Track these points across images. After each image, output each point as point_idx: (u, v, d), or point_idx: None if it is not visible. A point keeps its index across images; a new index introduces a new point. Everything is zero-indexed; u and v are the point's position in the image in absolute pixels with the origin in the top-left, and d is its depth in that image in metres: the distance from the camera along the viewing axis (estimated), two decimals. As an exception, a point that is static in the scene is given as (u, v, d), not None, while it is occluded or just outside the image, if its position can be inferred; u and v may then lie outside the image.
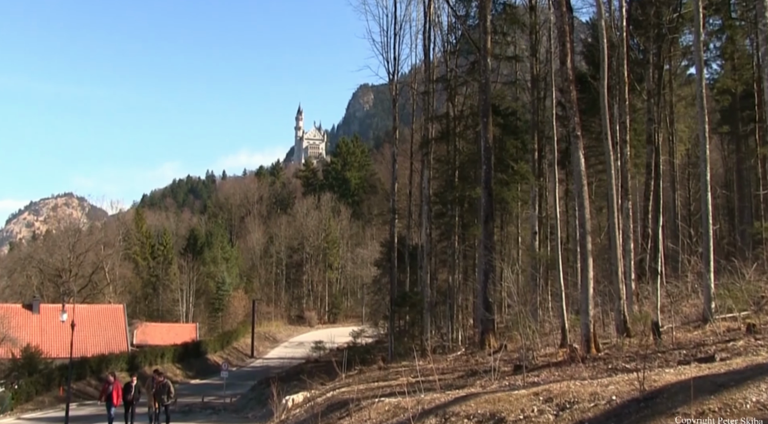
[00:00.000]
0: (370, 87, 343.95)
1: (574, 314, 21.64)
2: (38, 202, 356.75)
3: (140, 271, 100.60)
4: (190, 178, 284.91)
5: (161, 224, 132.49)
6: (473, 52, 35.04)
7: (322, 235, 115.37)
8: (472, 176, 37.12)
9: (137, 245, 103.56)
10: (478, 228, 32.84)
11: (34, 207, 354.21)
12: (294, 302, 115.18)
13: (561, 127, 29.66)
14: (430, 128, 40.54)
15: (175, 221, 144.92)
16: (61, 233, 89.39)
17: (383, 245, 56.84)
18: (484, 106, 28.42)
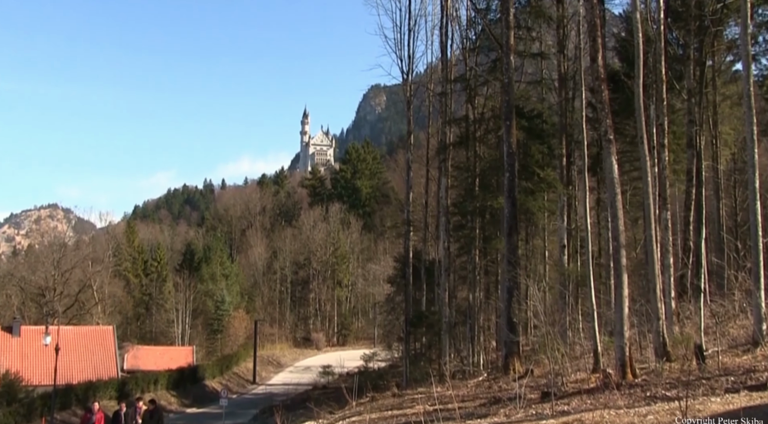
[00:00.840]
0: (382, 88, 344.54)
1: (607, 335, 21.48)
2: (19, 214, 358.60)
3: (132, 289, 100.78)
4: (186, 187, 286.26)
5: (155, 237, 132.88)
6: (495, 48, 35.01)
7: (330, 249, 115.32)
8: (494, 185, 37.02)
9: (128, 261, 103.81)
10: (500, 241, 32.75)
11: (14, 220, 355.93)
12: (300, 322, 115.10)
13: (592, 131, 29.53)
14: (448, 132, 40.49)
15: (170, 235, 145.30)
16: (44, 248, 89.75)
17: (397, 259, 56.71)
18: (506, 107, 28.33)
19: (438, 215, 41.20)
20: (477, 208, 37.62)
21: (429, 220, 46.82)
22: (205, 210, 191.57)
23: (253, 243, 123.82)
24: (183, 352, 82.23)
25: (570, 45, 33.51)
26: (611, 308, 18.79)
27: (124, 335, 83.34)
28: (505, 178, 28.02)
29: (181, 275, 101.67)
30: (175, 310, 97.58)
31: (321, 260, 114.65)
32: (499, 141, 34.83)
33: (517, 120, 29.68)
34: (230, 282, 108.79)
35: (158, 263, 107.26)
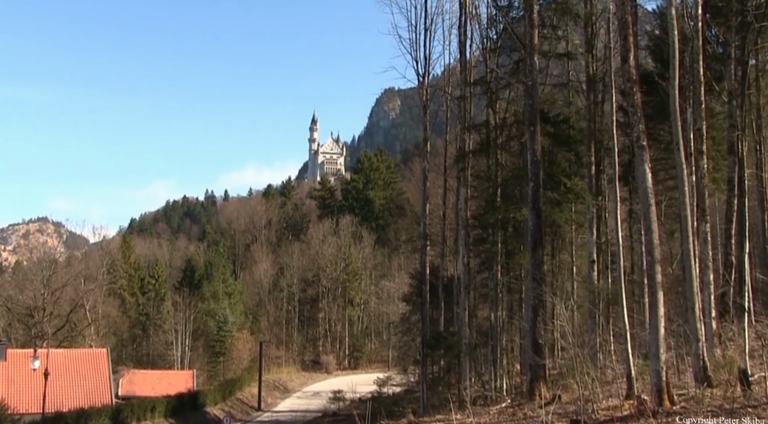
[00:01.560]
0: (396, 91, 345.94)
1: (641, 358, 21.33)
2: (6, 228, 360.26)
3: (127, 309, 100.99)
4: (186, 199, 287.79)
5: (152, 253, 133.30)
6: (517, 49, 34.99)
7: (341, 265, 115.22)
8: (517, 195, 36.94)
9: (124, 279, 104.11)
10: (524, 256, 32.59)
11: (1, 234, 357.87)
12: (308, 344, 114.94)
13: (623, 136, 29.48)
14: (467, 139, 40.46)
15: (168, 250, 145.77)
16: (33, 265, 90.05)
17: (413, 276, 56.65)
18: (530, 112, 28.24)
19: (457, 228, 41.15)
20: (499, 221, 37.50)
21: (447, 233, 46.76)
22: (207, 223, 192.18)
23: (258, 259, 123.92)
24: (182, 376, 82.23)
25: (599, 44, 33.49)
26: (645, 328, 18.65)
27: (119, 359, 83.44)
28: (529, 188, 27.89)
29: (180, 294, 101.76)
30: (174, 331, 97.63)
31: (331, 276, 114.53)
32: (522, 148, 34.73)
33: (541, 126, 29.59)
34: (233, 301, 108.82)
35: (156, 280, 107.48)
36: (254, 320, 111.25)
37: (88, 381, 62.19)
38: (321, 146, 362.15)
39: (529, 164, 27.86)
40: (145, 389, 74.72)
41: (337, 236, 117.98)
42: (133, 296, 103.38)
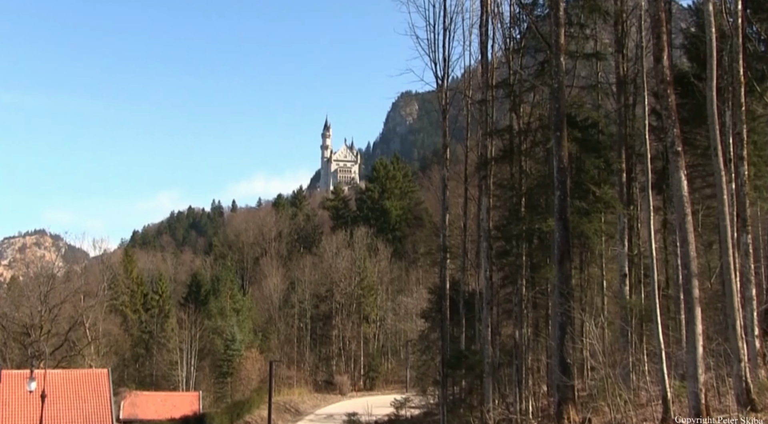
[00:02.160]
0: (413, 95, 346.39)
1: (678, 379, 21.18)
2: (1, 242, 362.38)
3: (129, 326, 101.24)
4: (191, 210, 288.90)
5: (156, 267, 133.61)
6: (542, 49, 34.91)
7: (355, 280, 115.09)
8: (542, 205, 36.89)
9: (126, 294, 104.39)
10: (551, 270, 32.52)
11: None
12: (321, 363, 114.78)
13: (656, 142, 29.33)
14: (489, 145, 40.41)
15: (173, 264, 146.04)
16: (29, 280, 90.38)
17: (432, 291, 56.50)
18: (556, 116, 28.15)
19: (478, 240, 41.07)
20: (523, 232, 37.36)
21: (468, 245, 46.64)
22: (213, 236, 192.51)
23: (268, 273, 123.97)
24: (188, 398, 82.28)
25: (630, 43, 33.42)
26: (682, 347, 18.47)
27: (121, 380, 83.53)
28: (555, 197, 27.81)
29: (185, 310, 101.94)
30: (178, 350, 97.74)
31: (345, 292, 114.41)
32: (548, 155, 34.64)
33: (568, 130, 29.51)
34: (242, 318, 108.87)
35: (160, 296, 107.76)
36: (264, 338, 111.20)
37: (88, 404, 62.19)
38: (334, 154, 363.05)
39: (555, 172, 27.75)
40: (148, 412, 74.79)
41: (351, 248, 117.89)
42: (136, 313, 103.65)
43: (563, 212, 27.45)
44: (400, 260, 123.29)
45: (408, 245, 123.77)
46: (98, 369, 70.12)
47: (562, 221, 27.42)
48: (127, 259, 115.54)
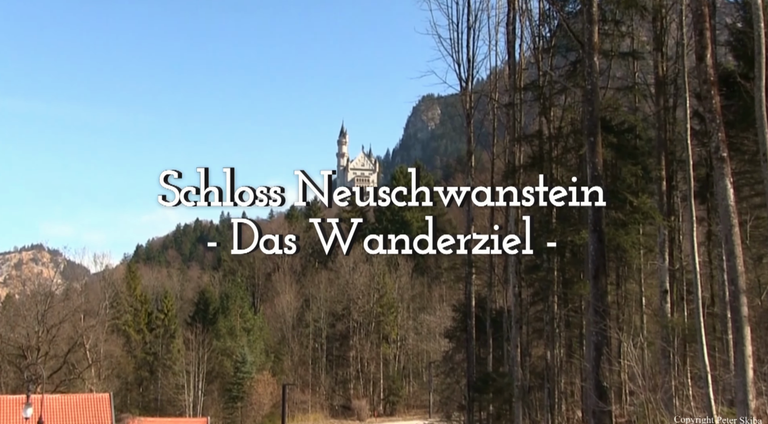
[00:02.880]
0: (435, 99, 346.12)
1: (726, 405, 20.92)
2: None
3: (133, 348, 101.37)
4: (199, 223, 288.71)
5: (161, 284, 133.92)
6: (574, 48, 34.88)
7: (374, 297, 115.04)
8: (575, 216, 36.74)
9: (129, 313, 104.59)
10: (585, 286, 32.34)
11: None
12: (338, 387, 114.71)
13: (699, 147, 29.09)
14: (518, 152, 40.41)
15: (179, 280, 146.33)
16: (26, 299, 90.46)
17: (456, 309, 56.32)
18: (590, 120, 27.97)
19: (506, 254, 40.86)
20: (555, 245, 37.27)
21: (495, 260, 46.53)
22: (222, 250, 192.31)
23: (281, 290, 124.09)
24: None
25: (670, 41, 33.26)
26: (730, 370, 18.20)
27: (123, 405, 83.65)
28: (589, 207, 27.59)
29: (193, 330, 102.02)
30: (185, 373, 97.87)
31: (363, 309, 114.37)
32: (580, 162, 34.58)
33: (603, 135, 29.34)
34: (253, 338, 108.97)
35: (165, 315, 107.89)
36: (276, 359, 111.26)
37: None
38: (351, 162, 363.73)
39: (589, 180, 27.53)
40: (152, 439, 74.77)
41: (369, 263, 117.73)
42: (140, 333, 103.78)
43: (598, 224, 27.25)
44: (422, 275, 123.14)
45: (430, 259, 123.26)
46: (99, 394, 70.14)
47: (597, 233, 27.21)
48: (131, 275, 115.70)
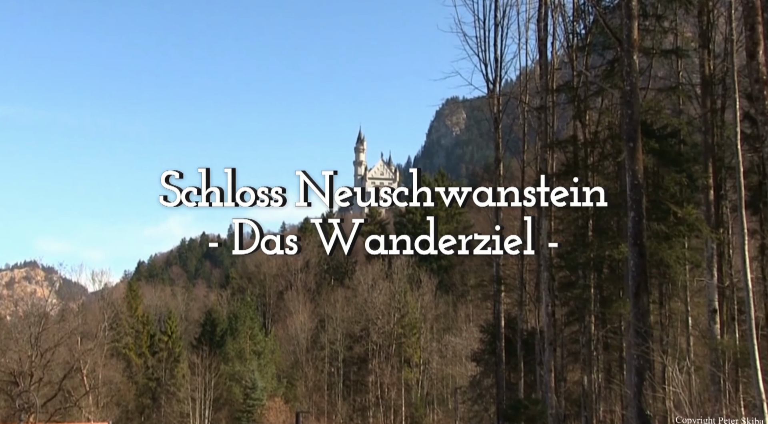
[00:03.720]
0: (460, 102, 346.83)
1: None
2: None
3: (134, 373, 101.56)
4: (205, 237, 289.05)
5: (164, 303, 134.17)
6: (612, 46, 34.77)
7: (395, 316, 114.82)
8: (613, 228, 36.79)
9: (130, 336, 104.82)
10: (625, 304, 32.24)
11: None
12: (356, 414, 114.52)
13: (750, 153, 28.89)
14: (550, 159, 40.32)
15: (184, 300, 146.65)
16: (18, 320, 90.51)
17: (484, 330, 56.19)
18: (629, 124, 27.81)
19: (538, 270, 41.01)
20: (591, 260, 37.49)
21: (526, 276, 46.52)
22: (231, 267, 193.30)
23: (294, 309, 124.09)
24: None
25: (717, 37, 33.06)
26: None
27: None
28: (629, 219, 27.47)
29: (198, 354, 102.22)
30: (190, 400, 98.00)
31: (383, 331, 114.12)
32: (619, 170, 34.50)
33: (644, 141, 29.22)
34: (264, 362, 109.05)
35: (169, 337, 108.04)
36: (289, 385, 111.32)
37: (86, 462, 62.47)
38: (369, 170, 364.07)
39: (629, 189, 27.42)
40: (155, 471, 74.90)
41: (389, 280, 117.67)
42: (141, 357, 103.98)
43: (638, 237, 27.09)
44: (446, 293, 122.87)
45: (456, 276, 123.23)
46: (98, 423, 70.35)
47: (638, 246, 27.06)
48: (132, 294, 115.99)
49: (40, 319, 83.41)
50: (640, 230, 27.14)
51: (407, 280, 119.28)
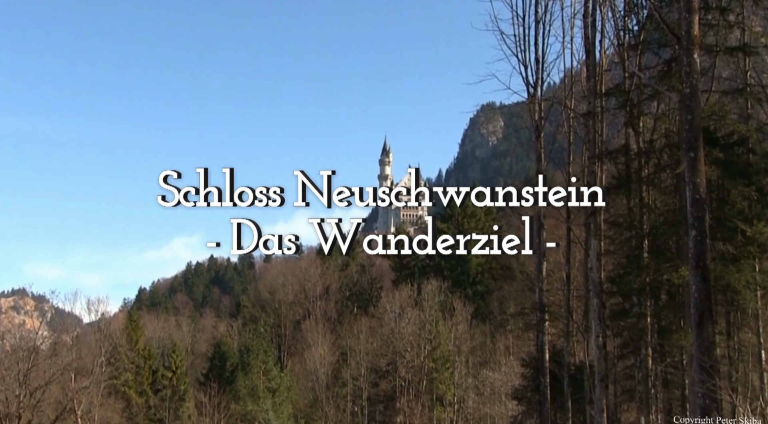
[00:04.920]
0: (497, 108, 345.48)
1: None
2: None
3: (134, 413, 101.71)
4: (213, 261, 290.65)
5: (168, 335, 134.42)
6: (669, 43, 34.58)
7: (425, 349, 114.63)
8: (672, 249, 36.57)
9: (130, 372, 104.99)
10: (686, 335, 32.20)
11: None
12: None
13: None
14: (599, 171, 40.15)
15: (190, 331, 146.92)
16: (5, 356, 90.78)
17: (526, 364, 55.96)
18: (689, 131, 27.56)
19: (586, 296, 40.90)
20: (647, 285, 37.27)
21: (573, 303, 46.31)
22: (242, 293, 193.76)
23: (312, 341, 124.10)
24: None
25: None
26: None
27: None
28: (690, 238, 27.23)
29: (206, 391, 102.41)
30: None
31: (412, 365, 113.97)
32: (678, 183, 34.20)
33: (706, 150, 29.04)
34: (279, 400, 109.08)
35: (173, 373, 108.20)
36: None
37: None
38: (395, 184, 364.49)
39: (689, 205, 27.16)
40: None
41: (419, 308, 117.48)
42: (142, 396, 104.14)
43: (701, 259, 26.82)
44: (483, 322, 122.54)
45: (493, 303, 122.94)
46: (94, 469, 70.32)
47: (700, 269, 26.79)
48: (132, 325, 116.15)
49: (29, 354, 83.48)
50: (703, 250, 26.85)
51: (439, 307, 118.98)
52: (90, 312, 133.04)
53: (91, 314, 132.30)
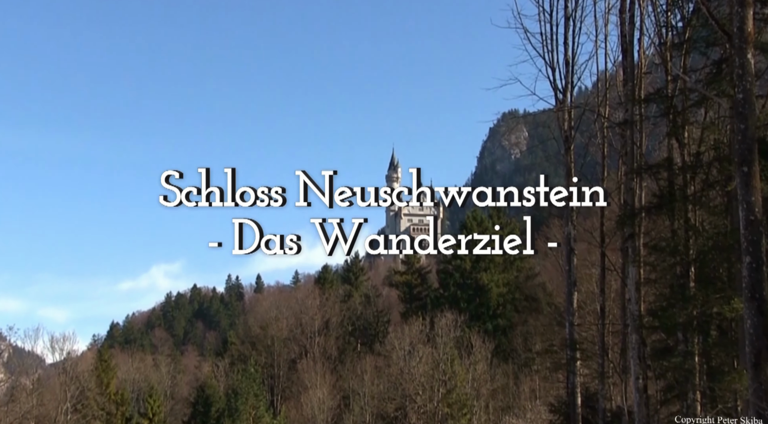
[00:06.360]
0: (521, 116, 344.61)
1: None
2: None
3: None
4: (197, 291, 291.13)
5: (144, 377, 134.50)
6: (717, 42, 34.57)
7: (439, 391, 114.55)
8: (723, 277, 36.45)
9: (100, 420, 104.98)
10: (740, 377, 31.98)
11: None
12: None
13: None
14: (637, 188, 40.09)
15: (170, 372, 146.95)
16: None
17: (555, 409, 56.01)
18: (742, 143, 27.42)
19: (624, 332, 40.75)
20: (694, 319, 37.16)
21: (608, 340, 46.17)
22: (229, 328, 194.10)
23: (310, 382, 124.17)
24: None
25: None
26: None
27: None
28: (744, 265, 26.99)
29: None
30: None
31: (424, 410, 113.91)
32: (729, 201, 34.13)
33: (762, 163, 28.85)
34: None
35: (150, 420, 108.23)
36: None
37: None
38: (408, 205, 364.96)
39: (743, 227, 26.97)
40: None
41: (432, 344, 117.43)
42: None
43: (757, 289, 26.63)
44: (505, 361, 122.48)
45: (517, 339, 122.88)
46: None
47: (756, 301, 26.59)
48: (102, 365, 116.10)
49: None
50: (759, 279, 26.68)
51: (455, 344, 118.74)
52: (54, 351, 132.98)
53: (56, 353, 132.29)
